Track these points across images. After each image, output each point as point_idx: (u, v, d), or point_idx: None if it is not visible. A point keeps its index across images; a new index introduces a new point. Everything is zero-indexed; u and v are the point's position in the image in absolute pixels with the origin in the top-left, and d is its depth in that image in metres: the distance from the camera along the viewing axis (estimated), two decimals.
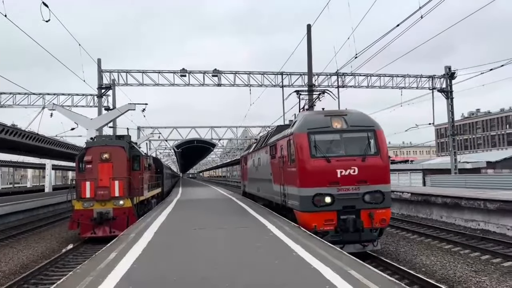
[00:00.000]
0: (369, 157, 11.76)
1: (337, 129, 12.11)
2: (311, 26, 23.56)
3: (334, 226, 11.41)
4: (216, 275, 6.68)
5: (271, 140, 16.54)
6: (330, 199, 11.41)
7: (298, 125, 12.55)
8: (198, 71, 33.01)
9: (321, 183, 11.44)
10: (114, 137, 20.08)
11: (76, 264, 12.24)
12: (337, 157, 11.71)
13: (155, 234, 11.03)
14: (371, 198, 11.57)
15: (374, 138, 12.03)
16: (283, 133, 14.28)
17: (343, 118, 12.27)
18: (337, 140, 12.10)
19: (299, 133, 12.11)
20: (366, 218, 11.50)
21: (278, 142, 14.65)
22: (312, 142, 11.82)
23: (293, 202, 12.52)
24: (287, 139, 13.10)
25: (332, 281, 6.07)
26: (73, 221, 16.66)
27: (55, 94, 36.71)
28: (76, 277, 6.81)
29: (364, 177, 11.52)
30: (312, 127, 12.05)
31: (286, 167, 13.26)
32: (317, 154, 11.70)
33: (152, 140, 48.81)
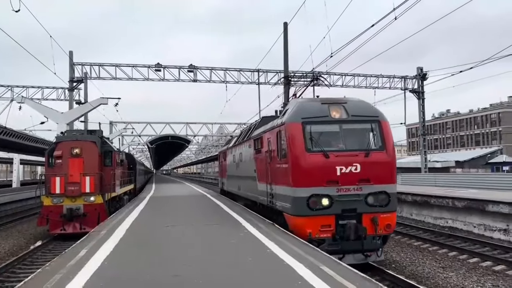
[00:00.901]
0: (373, 152, 10.32)
1: (336, 119, 10.61)
2: (287, 24, 23.66)
3: (332, 232, 9.97)
4: (188, 273, 6.64)
5: (256, 132, 14.91)
6: (327, 201, 9.98)
7: (290, 113, 10.89)
8: (173, 66, 32.67)
9: (317, 182, 10.00)
10: (86, 132, 19.69)
11: (45, 261, 11.93)
12: (336, 152, 10.24)
13: (127, 231, 10.87)
14: (375, 200, 10.18)
15: (378, 130, 10.60)
16: (271, 124, 12.69)
17: (343, 106, 10.77)
18: (336, 132, 10.62)
19: (292, 123, 10.55)
20: (369, 224, 10.07)
21: (265, 135, 13.10)
22: (308, 134, 10.30)
23: (284, 204, 11.03)
24: (277, 130, 11.57)
25: (305, 277, 6.13)
26: (42, 217, 16.26)
27: (24, 86, 35.63)
28: (44, 274, 6.64)
29: (367, 176, 10.11)
30: (307, 116, 10.50)
31: (275, 163, 11.76)
32: (313, 147, 10.20)
33: (125, 135, 47.99)
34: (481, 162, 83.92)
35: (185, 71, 32.66)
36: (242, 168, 17.71)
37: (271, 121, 13.19)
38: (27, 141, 31.02)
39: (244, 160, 17.22)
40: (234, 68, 33.63)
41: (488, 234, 15.92)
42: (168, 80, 32.66)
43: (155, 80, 32.66)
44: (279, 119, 11.86)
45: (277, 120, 12.20)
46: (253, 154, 14.94)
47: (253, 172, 14.86)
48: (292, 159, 10.34)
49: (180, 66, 32.72)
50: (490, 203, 15.82)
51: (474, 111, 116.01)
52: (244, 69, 33.83)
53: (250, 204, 16.61)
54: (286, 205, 10.84)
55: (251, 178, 15.31)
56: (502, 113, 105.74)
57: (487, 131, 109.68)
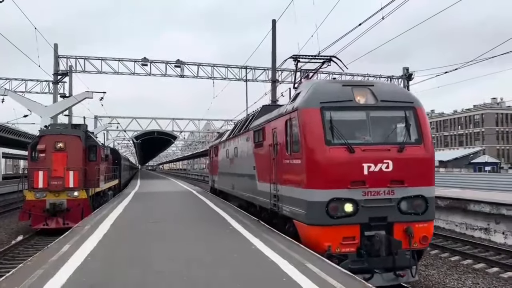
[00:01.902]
0: (408, 146, 8.54)
1: (362, 104, 8.78)
2: (276, 22, 23.69)
3: (356, 246, 8.18)
4: (172, 269, 6.61)
5: (256, 123, 13.09)
6: (352, 207, 8.18)
7: (305, 97, 8.98)
8: (160, 61, 32.38)
9: (339, 183, 8.19)
10: (70, 126, 19.43)
11: (26, 256, 11.77)
12: (363, 146, 8.44)
13: (111, 227, 10.78)
14: (410, 206, 8.42)
15: (414, 119, 8.81)
16: (278, 112, 10.84)
17: (369, 89, 8.99)
18: (362, 121, 8.77)
19: (308, 109, 8.67)
20: (402, 236, 8.33)
21: (269, 125, 11.28)
22: (328, 122, 8.45)
23: (294, 209, 9.13)
24: (286, 118, 9.69)
25: (289, 274, 6.16)
26: (24, 211, 16.03)
27: (7, 78, 34.93)
28: (26, 269, 6.54)
29: (401, 176, 8.36)
30: (327, 100, 8.67)
31: (282, 159, 9.92)
32: (334, 140, 8.35)
33: (110, 130, 47.52)
34: (464, 162, 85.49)
35: (172, 66, 32.39)
36: (238, 164, 16.06)
37: (276, 109, 11.54)
38: (10, 134, 30.49)
39: (240, 156, 15.59)
40: (222, 64, 33.52)
41: (470, 233, 16.22)
42: (154, 75, 32.37)
43: (142, 75, 32.34)
44: (289, 104, 9.96)
45: (286, 106, 10.33)
46: (252, 148, 13.20)
47: (252, 169, 13.16)
48: (307, 154, 8.51)
49: (167, 61, 32.44)
50: (472, 203, 16.12)
51: (458, 112, 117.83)
52: (231, 65, 33.71)
53: (246, 205, 14.98)
54: (297, 210, 8.91)
55: (249, 176, 13.64)
56: (485, 114, 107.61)
57: (471, 131, 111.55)
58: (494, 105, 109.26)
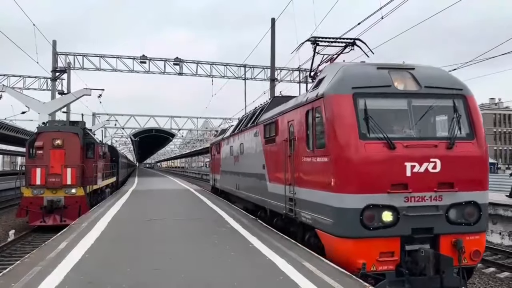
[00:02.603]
0: (458, 142, 7.24)
1: (402, 91, 7.47)
2: (275, 20, 23.71)
3: (396, 263, 6.93)
4: (169, 267, 6.63)
5: (267, 116, 11.77)
6: (391, 216, 6.89)
7: (334, 81, 7.58)
8: (159, 59, 32.35)
9: (377, 187, 6.90)
10: (68, 123, 19.39)
11: (23, 253, 11.76)
12: (405, 141, 7.13)
13: (109, 224, 10.78)
14: (461, 214, 7.16)
15: (464, 110, 7.53)
16: (295, 101, 9.48)
17: (410, 73, 7.69)
18: (403, 111, 7.46)
19: (338, 95, 7.33)
20: (449, 250, 7.06)
21: (283, 118, 9.96)
22: (362, 112, 7.13)
23: (318, 217, 7.79)
24: (307, 108, 8.36)
25: (286, 273, 6.18)
26: (22, 208, 16.00)
27: (5, 75, 34.89)
28: (23, 266, 6.55)
29: (451, 178, 7.08)
30: (361, 85, 7.34)
31: (302, 156, 8.57)
32: (371, 133, 7.07)
33: (108, 127, 47.46)
34: None
35: (171, 64, 32.37)
36: (244, 162, 14.69)
37: (291, 99, 10.27)
38: (7, 130, 30.44)
39: (246, 153, 14.27)
40: (221, 62, 33.54)
41: None
42: (153, 72, 32.35)
43: (140, 72, 32.33)
44: (311, 92, 8.55)
45: (306, 94, 8.93)
46: (262, 144, 11.93)
47: (261, 168, 11.91)
48: (336, 150, 7.18)
49: (166, 59, 32.41)
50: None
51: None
52: (230, 63, 33.72)
53: (253, 208, 13.69)
54: (322, 218, 7.60)
55: (257, 175, 12.38)
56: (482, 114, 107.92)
57: None
58: (492, 105, 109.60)
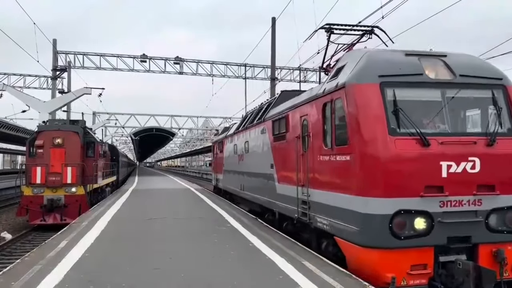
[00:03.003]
0: (500, 138, 6.44)
1: (435, 80, 6.63)
2: (275, 19, 23.71)
3: (429, 277, 6.17)
4: (169, 266, 6.63)
5: (275, 111, 11.10)
6: (425, 223, 6.09)
7: (358, 69, 6.73)
8: (159, 58, 32.34)
9: (409, 189, 6.09)
10: (68, 122, 19.42)
11: (23, 252, 11.75)
12: (440, 137, 6.30)
13: (109, 223, 10.79)
14: (502, 221, 6.35)
15: (505, 102, 6.72)
16: (309, 94, 8.67)
17: (443, 61, 6.87)
18: (436, 103, 6.61)
19: (363, 85, 6.50)
20: (489, 261, 6.28)
21: (295, 112, 9.22)
22: (391, 103, 6.33)
23: (338, 224, 6.96)
24: (324, 101, 7.55)
25: (286, 272, 6.18)
26: (22, 207, 16.01)
27: (5, 73, 34.90)
28: (23, 265, 6.56)
29: (491, 179, 6.29)
30: (388, 74, 6.52)
31: (318, 155, 7.81)
32: (401, 128, 6.27)
33: (108, 126, 47.50)
34: None
35: (171, 63, 32.37)
36: (249, 161, 13.96)
37: (305, 91, 9.38)
38: (8, 129, 30.45)
39: (252, 151, 13.57)
40: (221, 61, 33.55)
41: None
42: (153, 71, 32.36)
43: (141, 71, 32.34)
44: (328, 82, 7.65)
45: (322, 85, 8.11)
46: (270, 141, 11.23)
47: (269, 167, 11.21)
48: (362, 147, 6.33)
49: (166, 58, 32.41)
50: None
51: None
52: (231, 63, 33.75)
53: (260, 210, 12.93)
54: (343, 225, 6.76)
55: (265, 176, 11.70)
56: None
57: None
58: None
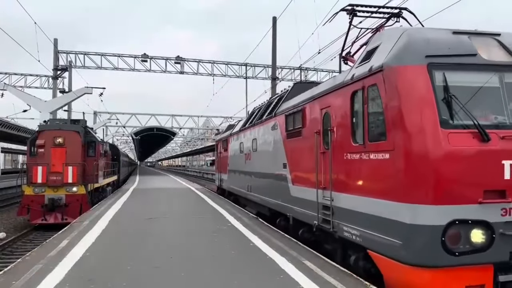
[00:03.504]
0: None
1: (491, 62, 5.63)
2: (276, 19, 23.71)
3: None
4: (170, 265, 6.64)
5: (288, 105, 10.14)
6: (483, 236, 5.14)
7: (398, 48, 5.67)
8: (160, 57, 32.35)
9: (464, 195, 5.13)
10: (69, 121, 19.43)
11: (25, 251, 11.77)
12: (500, 130, 5.33)
13: (110, 223, 10.80)
14: None
15: None
16: (333, 82, 7.64)
17: (497, 40, 5.90)
18: (494, 89, 5.58)
19: (406, 67, 5.48)
20: None
21: (314, 104, 8.21)
22: (441, 90, 5.35)
23: (374, 236, 5.88)
24: (354, 89, 6.51)
25: (287, 271, 6.18)
26: (23, 206, 16.03)
27: (6, 73, 34.94)
28: (24, 264, 6.57)
29: None
30: (437, 54, 5.50)
31: (344, 152, 6.79)
32: (455, 119, 5.30)
33: (109, 126, 47.53)
34: None
35: (172, 62, 32.38)
36: (257, 160, 13.08)
37: (326, 81, 8.25)
38: (9, 129, 30.49)
39: (261, 149, 12.69)
40: (222, 61, 33.55)
41: None
42: (154, 71, 32.37)
43: (141, 71, 32.36)
44: (358, 67, 6.59)
45: (349, 71, 7.04)
46: (282, 138, 10.27)
47: (281, 167, 10.31)
48: (406, 143, 5.30)
49: (167, 58, 32.41)
50: None
51: None
52: (231, 62, 33.75)
53: (269, 214, 11.98)
54: (382, 238, 5.69)
55: (276, 176, 10.79)
56: None
57: None
58: None
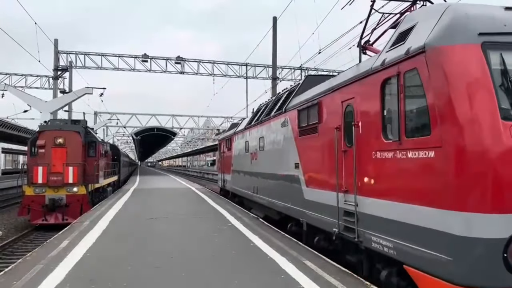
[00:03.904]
0: None
1: None
2: (277, 19, 23.74)
3: None
4: (170, 265, 6.64)
5: (301, 99, 9.36)
6: None
7: (443, 26, 4.87)
8: (160, 57, 32.37)
9: None
10: (69, 122, 19.44)
11: (25, 251, 11.77)
12: None
13: (110, 223, 10.80)
14: None
15: None
16: (356, 70, 6.74)
17: None
18: None
19: (455, 46, 4.69)
20: None
21: (333, 96, 7.41)
22: (498, 73, 4.59)
23: (414, 250, 5.06)
24: (384, 76, 5.68)
25: (288, 271, 6.18)
26: (23, 207, 16.04)
27: (7, 73, 34.97)
28: (25, 264, 6.57)
29: None
30: (492, 31, 4.71)
31: (374, 150, 5.90)
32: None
33: (110, 126, 47.53)
34: None
35: (172, 62, 32.39)
36: (265, 160, 12.36)
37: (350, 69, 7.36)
38: (9, 129, 30.50)
39: (268, 148, 12.00)
40: (222, 61, 33.56)
41: None
42: (155, 71, 32.38)
43: (142, 71, 32.37)
44: (390, 50, 5.73)
45: (378, 57, 6.09)
46: (294, 136, 9.57)
47: (292, 167, 9.58)
48: (457, 138, 4.48)
49: (167, 58, 32.43)
50: None
51: None
52: (232, 62, 33.78)
53: (278, 218, 11.22)
54: (425, 253, 4.85)
55: (286, 177, 10.08)
56: None
57: None
58: None
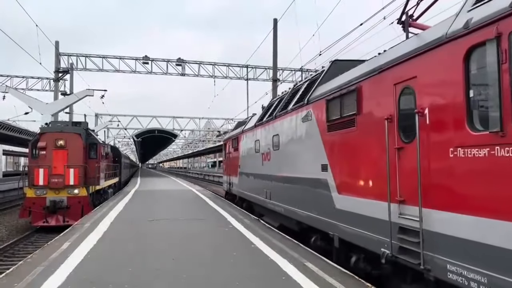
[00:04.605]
0: None
1: None
2: (277, 21, 23.77)
3: None
4: (171, 267, 6.64)
5: (332, 85, 7.88)
6: None
7: None
8: (161, 59, 32.39)
9: None
10: (70, 124, 19.45)
11: (26, 253, 11.78)
12: None
13: (111, 225, 10.80)
14: None
15: None
16: (419, 40, 5.27)
17: None
18: None
19: None
20: None
21: (383, 76, 6.02)
22: None
23: None
24: (473, 42, 4.26)
25: (288, 273, 6.17)
26: (24, 209, 16.07)
27: (8, 75, 35.02)
28: (26, 266, 6.58)
29: None
30: None
31: (455, 146, 4.47)
32: None
33: (111, 128, 47.54)
34: None
35: (173, 64, 32.43)
36: (280, 161, 10.87)
37: (402, 42, 6.03)
38: (11, 131, 30.57)
39: (285, 147, 10.53)
40: (223, 63, 33.58)
41: None
42: (155, 73, 32.40)
43: (143, 73, 32.38)
44: (478, 5, 4.40)
45: (458, 16, 4.64)
46: (320, 131, 8.22)
47: (319, 169, 8.20)
48: None
49: (168, 60, 32.46)
50: None
51: None
52: (232, 64, 33.78)
53: (298, 229, 9.74)
54: None
55: (310, 181, 8.67)
56: None
57: None
58: None
